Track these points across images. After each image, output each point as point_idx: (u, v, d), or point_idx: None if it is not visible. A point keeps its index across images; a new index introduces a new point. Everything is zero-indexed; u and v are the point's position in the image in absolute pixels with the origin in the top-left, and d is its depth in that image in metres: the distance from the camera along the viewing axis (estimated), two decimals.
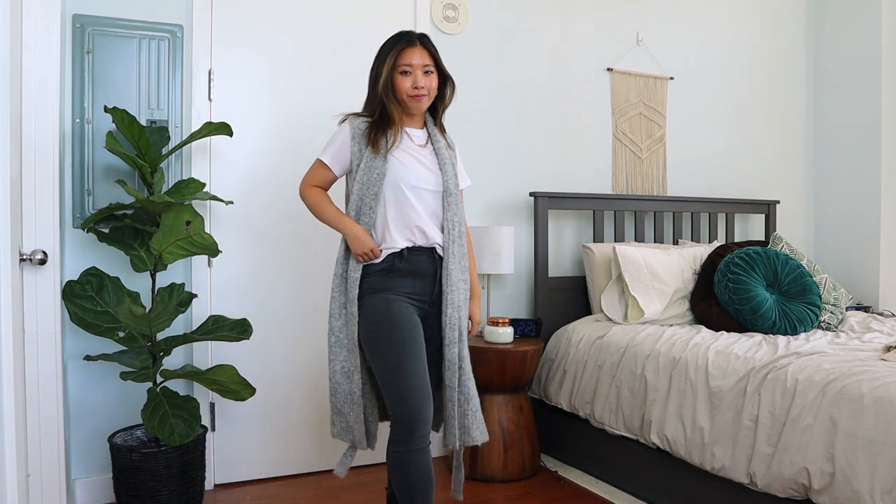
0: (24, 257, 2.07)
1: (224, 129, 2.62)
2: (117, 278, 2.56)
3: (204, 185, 2.65)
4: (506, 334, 3.05)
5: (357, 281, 2.09)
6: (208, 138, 2.86)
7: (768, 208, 4.17)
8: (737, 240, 4.18)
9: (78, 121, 2.66)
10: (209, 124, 2.62)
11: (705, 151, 4.11)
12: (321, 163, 2.18)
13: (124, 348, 2.60)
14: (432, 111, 2.24)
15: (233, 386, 2.55)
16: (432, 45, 2.16)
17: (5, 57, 1.65)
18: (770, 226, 4.17)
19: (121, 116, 2.40)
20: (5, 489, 1.63)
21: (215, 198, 2.67)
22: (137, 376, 2.45)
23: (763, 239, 4.19)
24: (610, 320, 3.24)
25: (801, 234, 4.41)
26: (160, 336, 2.62)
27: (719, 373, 2.51)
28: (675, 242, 3.85)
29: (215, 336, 2.57)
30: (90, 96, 2.67)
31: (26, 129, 2.29)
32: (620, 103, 3.81)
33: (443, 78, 2.19)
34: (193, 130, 2.75)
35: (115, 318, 2.46)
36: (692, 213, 3.91)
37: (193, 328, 2.78)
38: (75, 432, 2.70)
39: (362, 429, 2.12)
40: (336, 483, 2.97)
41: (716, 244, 3.66)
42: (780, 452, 2.20)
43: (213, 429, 2.92)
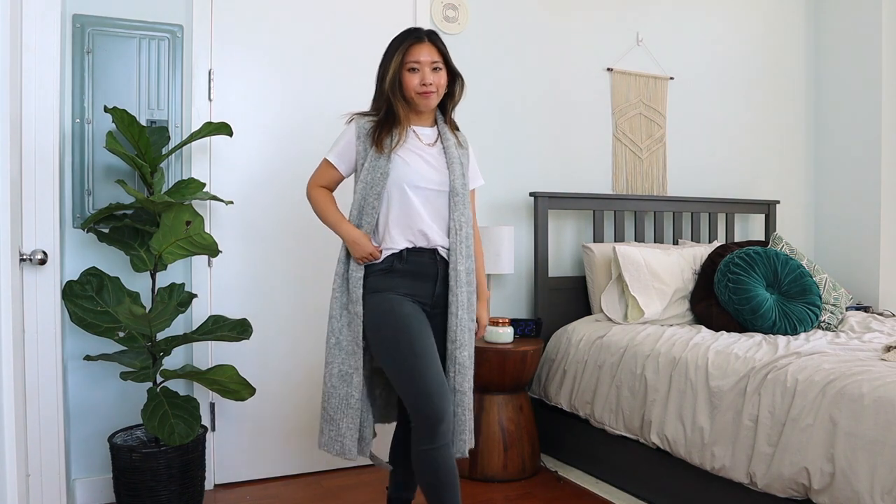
0: (24, 257, 2.06)
1: (224, 129, 2.63)
2: (117, 278, 2.56)
3: (204, 185, 2.65)
4: (506, 334, 3.05)
5: (360, 280, 2.08)
6: (208, 138, 2.86)
7: (768, 208, 4.17)
8: (737, 240, 4.17)
9: (78, 121, 2.66)
10: (209, 124, 2.62)
11: (705, 151, 4.11)
12: (327, 162, 2.18)
13: (124, 348, 2.60)
14: (442, 109, 2.21)
15: (233, 386, 2.55)
16: (441, 42, 2.13)
17: (5, 57, 1.65)
18: (770, 226, 4.17)
19: (121, 116, 2.39)
20: (5, 489, 1.63)
21: (215, 198, 2.67)
22: (137, 376, 2.45)
23: (763, 239, 4.19)
24: (610, 320, 3.24)
25: (801, 234, 4.41)
26: (160, 336, 2.62)
27: (719, 373, 2.51)
28: (675, 242, 3.85)
29: (215, 336, 2.57)
30: (90, 96, 2.67)
31: (26, 129, 2.30)
32: (620, 103, 3.81)
33: (452, 75, 2.15)
34: (193, 130, 2.75)
35: (115, 318, 2.46)
36: (692, 213, 3.91)
37: (193, 328, 2.78)
38: (75, 432, 2.70)
39: (354, 436, 2.08)
40: (336, 483, 2.97)
41: (716, 244, 3.66)
42: (780, 452, 2.20)
43: (213, 429, 2.92)
